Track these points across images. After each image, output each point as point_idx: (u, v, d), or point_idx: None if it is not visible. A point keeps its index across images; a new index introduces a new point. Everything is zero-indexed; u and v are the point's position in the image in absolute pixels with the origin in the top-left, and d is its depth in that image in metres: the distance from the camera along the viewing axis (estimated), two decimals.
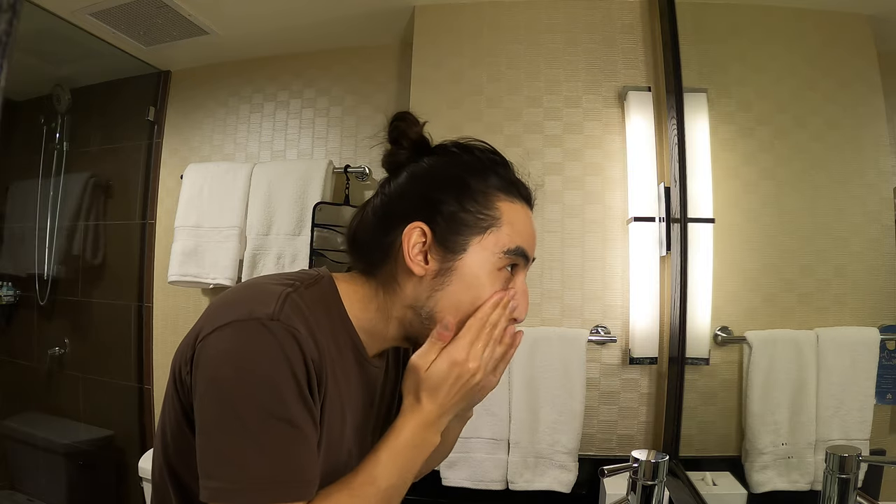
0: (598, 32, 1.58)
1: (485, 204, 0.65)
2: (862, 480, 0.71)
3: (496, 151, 0.71)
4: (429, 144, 0.70)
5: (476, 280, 0.64)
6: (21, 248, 2.48)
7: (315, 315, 0.60)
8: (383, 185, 0.70)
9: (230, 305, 0.59)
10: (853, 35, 0.80)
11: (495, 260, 0.64)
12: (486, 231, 0.64)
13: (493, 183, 0.67)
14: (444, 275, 0.64)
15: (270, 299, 0.58)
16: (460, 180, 0.65)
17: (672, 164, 1.38)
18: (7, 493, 2.34)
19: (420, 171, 0.67)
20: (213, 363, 0.55)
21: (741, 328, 1.04)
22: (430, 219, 0.64)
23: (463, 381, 0.63)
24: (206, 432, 0.56)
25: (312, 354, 0.58)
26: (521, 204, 0.69)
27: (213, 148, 2.10)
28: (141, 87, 2.21)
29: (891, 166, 0.72)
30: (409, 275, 0.65)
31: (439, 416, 0.64)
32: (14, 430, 2.32)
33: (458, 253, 0.64)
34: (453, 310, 0.64)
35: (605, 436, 1.49)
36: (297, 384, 0.56)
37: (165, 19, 1.77)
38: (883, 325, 0.73)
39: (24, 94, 2.50)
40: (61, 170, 2.36)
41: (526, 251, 0.67)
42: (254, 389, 0.54)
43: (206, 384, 0.56)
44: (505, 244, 0.65)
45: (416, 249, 0.64)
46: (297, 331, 0.57)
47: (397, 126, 0.69)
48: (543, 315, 1.53)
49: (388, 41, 1.91)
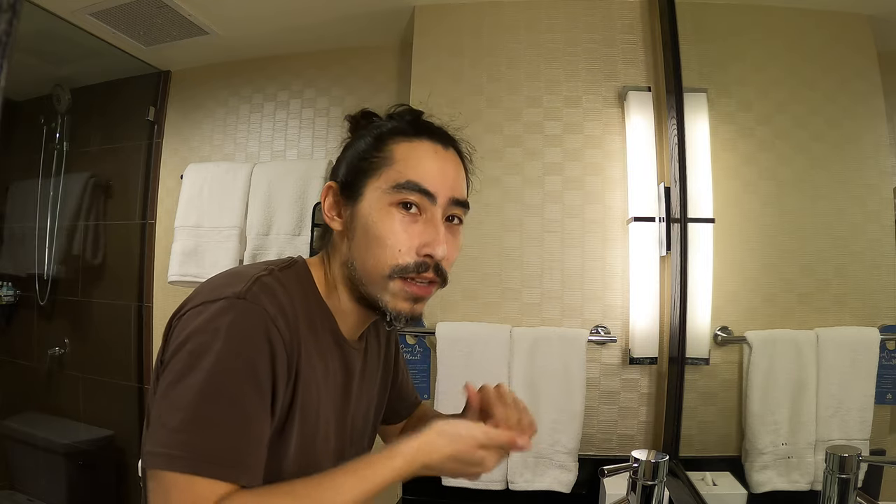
0: (598, 32, 1.58)
1: (379, 148, 0.67)
2: (862, 480, 0.71)
3: (411, 109, 0.73)
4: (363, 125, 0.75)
5: (371, 221, 0.65)
6: (21, 248, 2.48)
7: (290, 297, 0.62)
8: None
9: (206, 288, 0.61)
10: (853, 35, 0.80)
11: (387, 197, 0.65)
12: (379, 172, 0.66)
13: (391, 128, 0.69)
14: (351, 222, 0.67)
15: (241, 280, 0.60)
16: (365, 136, 0.69)
17: (672, 164, 1.38)
18: (7, 493, 2.33)
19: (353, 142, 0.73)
20: (177, 336, 0.57)
21: (741, 328, 1.04)
22: (337, 176, 0.70)
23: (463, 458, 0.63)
24: (159, 399, 0.55)
25: (283, 333, 0.58)
26: (422, 141, 0.68)
27: (213, 148, 2.10)
28: (141, 87, 2.21)
29: (891, 166, 0.72)
30: (340, 236, 0.69)
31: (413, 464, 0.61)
32: (14, 430, 2.32)
33: (356, 199, 0.67)
34: (365, 254, 0.65)
35: (605, 436, 1.49)
36: (252, 367, 0.56)
37: (165, 19, 1.77)
38: (883, 325, 0.72)
39: (24, 94, 2.50)
40: (61, 170, 2.36)
41: (419, 183, 0.65)
42: (209, 363, 0.54)
43: (170, 356, 0.57)
44: (394, 179, 0.65)
45: (331, 207, 0.69)
46: (264, 310, 0.58)
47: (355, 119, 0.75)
48: (543, 315, 1.53)
49: (388, 41, 1.91)
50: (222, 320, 0.56)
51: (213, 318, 0.56)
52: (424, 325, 1.55)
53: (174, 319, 0.61)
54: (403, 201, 0.64)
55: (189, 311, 0.59)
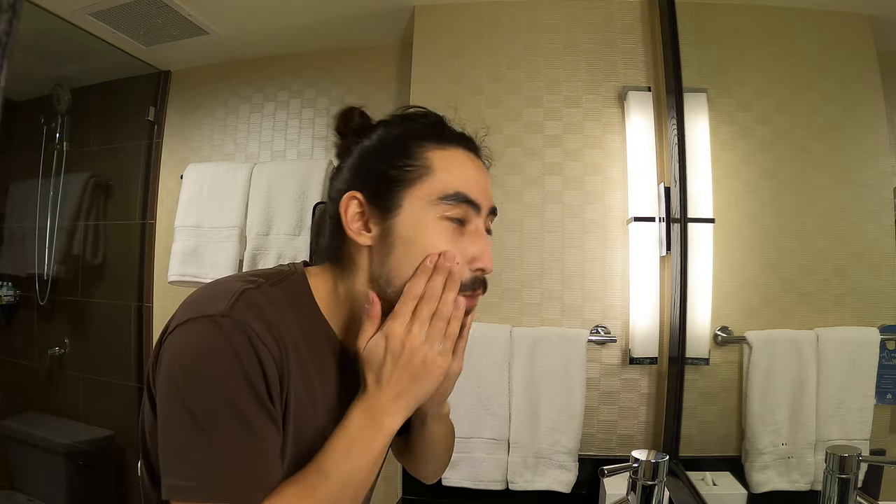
0: (598, 32, 1.58)
1: (411, 156, 0.63)
2: (862, 480, 0.71)
3: (428, 111, 0.69)
4: (369, 125, 0.70)
5: (417, 234, 0.61)
6: (21, 248, 2.48)
7: (277, 310, 0.59)
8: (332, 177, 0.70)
9: (191, 303, 0.59)
10: (853, 35, 0.80)
11: (433, 209, 0.61)
12: (418, 181, 0.62)
13: (420, 134, 0.65)
14: (386, 236, 0.62)
15: (225, 297, 0.57)
16: (387, 141, 0.65)
17: (672, 164, 1.38)
18: (7, 493, 2.34)
19: (358, 149, 0.67)
20: (169, 361, 0.55)
21: (741, 328, 1.04)
22: (362, 185, 0.63)
23: (405, 360, 0.59)
24: (164, 430, 0.55)
25: (271, 349, 0.56)
26: (457, 150, 0.66)
27: (213, 148, 2.10)
28: (141, 87, 2.21)
29: (891, 166, 0.72)
30: (360, 249, 0.63)
31: (391, 400, 0.59)
32: (14, 430, 2.32)
33: (393, 210, 0.62)
34: (407, 272, 0.61)
35: (605, 436, 1.49)
36: (248, 382, 0.54)
37: (165, 19, 1.77)
38: (883, 325, 0.72)
39: (24, 94, 2.50)
40: (61, 170, 2.36)
41: (468, 195, 0.62)
42: (203, 387, 0.53)
43: (163, 382, 0.56)
44: (440, 189, 0.61)
45: (355, 220, 0.63)
46: (250, 328, 0.55)
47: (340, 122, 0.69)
48: (543, 315, 1.53)
49: (388, 41, 1.91)
50: (208, 342, 0.54)
51: (199, 340, 0.55)
52: None
53: (163, 336, 0.58)
54: (451, 214, 0.62)
55: (174, 331, 0.57)
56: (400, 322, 0.59)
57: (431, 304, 0.60)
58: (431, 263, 0.60)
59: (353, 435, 0.58)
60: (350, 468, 0.57)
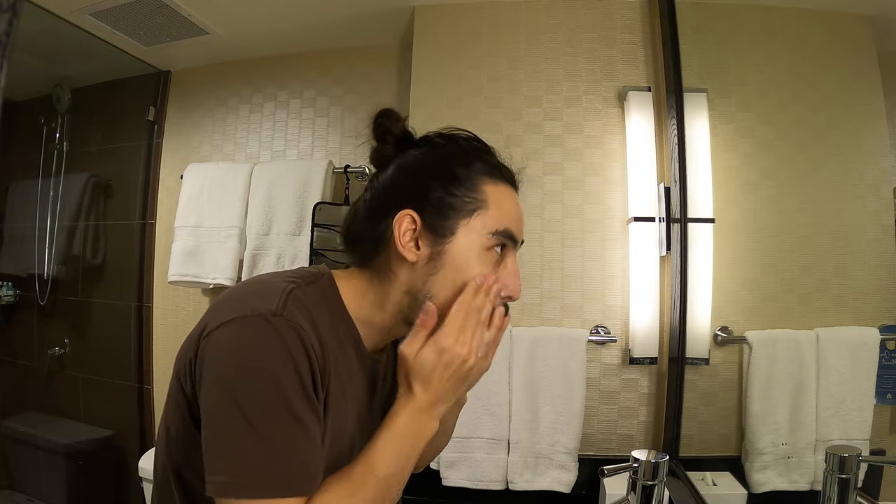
0: (598, 32, 1.58)
1: (470, 188, 0.66)
2: (862, 480, 0.71)
3: (478, 139, 0.72)
4: (412, 137, 0.72)
5: (465, 262, 0.65)
6: (21, 248, 2.48)
7: (317, 311, 0.62)
8: (372, 180, 0.72)
9: (235, 302, 0.60)
10: (853, 35, 0.80)
11: (483, 241, 0.66)
12: (473, 214, 0.66)
13: (478, 168, 0.68)
14: (435, 259, 0.66)
15: (274, 296, 0.59)
16: (445, 168, 0.67)
17: (672, 164, 1.38)
18: (7, 493, 2.34)
19: (406, 162, 0.69)
20: (217, 359, 0.56)
21: (741, 328, 1.04)
22: (419, 206, 0.66)
23: (454, 368, 0.63)
24: (211, 427, 0.56)
25: (316, 350, 0.58)
26: (505, 186, 0.70)
27: (213, 148, 2.10)
28: (141, 87, 2.21)
29: (891, 166, 0.72)
30: (403, 262, 0.66)
31: (434, 404, 0.64)
32: (14, 430, 2.32)
33: (447, 237, 0.65)
34: (448, 292, 0.65)
35: (605, 436, 1.49)
36: (300, 380, 0.56)
37: (165, 19, 1.77)
38: (883, 325, 0.72)
39: (24, 94, 2.50)
40: (61, 170, 2.36)
41: (513, 232, 0.68)
42: (257, 384, 0.55)
43: (211, 380, 0.57)
44: (492, 225, 0.66)
45: (407, 236, 0.65)
46: (301, 327, 0.57)
47: (381, 123, 0.71)
48: (543, 315, 1.53)
49: (388, 41, 1.91)
50: (262, 339, 0.56)
51: (252, 338, 0.56)
52: None
53: (201, 338, 0.58)
54: (497, 246, 0.67)
55: (219, 329, 0.57)
56: (453, 336, 0.63)
57: (478, 317, 0.65)
58: (481, 283, 0.65)
59: (401, 435, 0.62)
60: (395, 467, 0.61)
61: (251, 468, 0.54)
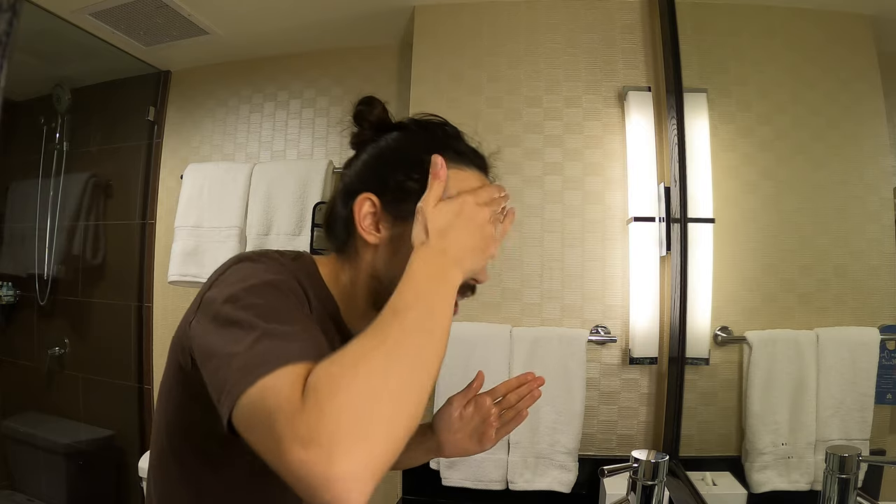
0: (598, 32, 1.58)
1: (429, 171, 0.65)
2: (862, 480, 0.71)
3: (448, 124, 0.74)
4: (389, 123, 0.74)
5: None
6: (21, 248, 2.48)
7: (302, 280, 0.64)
8: (344, 167, 0.75)
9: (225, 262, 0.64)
10: (853, 35, 0.80)
11: None
12: None
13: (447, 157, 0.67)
14: (395, 241, 0.66)
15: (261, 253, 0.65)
16: (409, 152, 0.68)
17: (672, 164, 1.38)
18: (7, 493, 2.34)
19: (377, 148, 0.72)
20: (214, 296, 0.57)
21: (741, 328, 1.04)
22: (380, 190, 0.67)
23: (470, 215, 0.61)
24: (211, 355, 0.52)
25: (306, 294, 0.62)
26: (471, 171, 0.70)
27: (213, 148, 2.10)
28: (141, 87, 2.21)
29: (891, 166, 0.72)
30: (367, 245, 0.68)
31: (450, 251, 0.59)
32: (14, 430, 2.32)
33: (406, 219, 0.65)
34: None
35: (605, 436, 1.49)
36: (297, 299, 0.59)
37: (165, 19, 1.77)
38: (883, 325, 0.72)
39: (24, 94, 2.50)
40: (61, 170, 2.36)
41: None
42: (252, 295, 0.55)
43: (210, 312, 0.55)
44: None
45: (367, 220, 0.67)
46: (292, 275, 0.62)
47: (360, 110, 0.73)
48: (543, 315, 1.53)
49: (388, 41, 1.91)
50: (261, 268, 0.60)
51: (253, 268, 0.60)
52: None
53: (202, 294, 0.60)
54: None
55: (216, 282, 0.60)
56: (474, 199, 0.62)
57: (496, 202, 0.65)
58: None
59: (422, 282, 0.56)
60: (420, 310, 0.53)
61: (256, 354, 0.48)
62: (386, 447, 0.43)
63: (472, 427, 0.84)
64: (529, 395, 0.86)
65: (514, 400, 0.87)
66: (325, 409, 0.42)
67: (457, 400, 0.85)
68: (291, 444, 0.41)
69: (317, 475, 0.41)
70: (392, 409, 0.44)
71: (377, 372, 0.45)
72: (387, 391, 0.45)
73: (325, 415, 0.42)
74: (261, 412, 0.45)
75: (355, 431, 0.42)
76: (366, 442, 0.42)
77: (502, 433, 0.86)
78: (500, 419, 0.86)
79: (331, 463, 0.40)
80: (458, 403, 0.85)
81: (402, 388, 0.46)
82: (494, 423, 0.85)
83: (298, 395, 0.44)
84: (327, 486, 0.40)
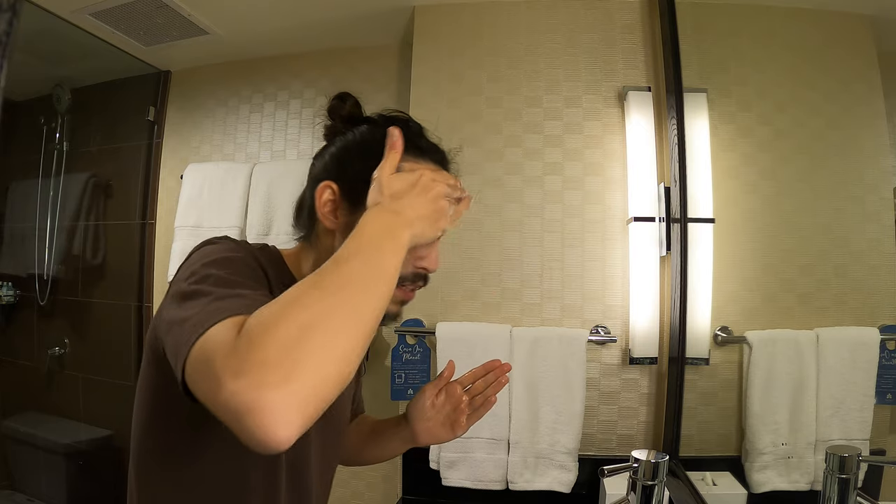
0: (598, 32, 1.58)
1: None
2: (862, 480, 0.71)
3: (412, 120, 0.75)
4: (359, 118, 0.77)
5: None
6: (21, 248, 2.48)
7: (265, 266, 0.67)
8: (314, 158, 0.79)
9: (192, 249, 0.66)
10: (853, 35, 0.80)
11: None
12: None
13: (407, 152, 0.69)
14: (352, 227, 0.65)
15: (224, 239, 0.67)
16: (371, 144, 0.69)
17: (672, 164, 1.38)
18: (7, 493, 2.34)
19: (342, 140, 0.75)
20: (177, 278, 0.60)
21: (741, 328, 1.04)
22: (340, 178, 0.71)
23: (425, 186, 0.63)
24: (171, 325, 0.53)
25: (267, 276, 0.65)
26: (426, 163, 0.72)
27: (213, 148, 2.10)
28: (141, 87, 2.21)
29: (891, 166, 0.72)
30: (327, 231, 0.71)
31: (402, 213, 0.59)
32: (14, 430, 2.32)
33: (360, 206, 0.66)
34: None
35: (605, 436, 1.49)
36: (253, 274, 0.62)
37: (165, 19, 1.77)
38: (883, 325, 0.72)
39: (24, 94, 2.50)
40: (61, 170, 2.36)
41: None
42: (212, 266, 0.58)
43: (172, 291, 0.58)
44: None
45: (327, 207, 0.70)
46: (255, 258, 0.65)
47: (333, 105, 0.77)
48: (543, 315, 1.53)
49: (388, 41, 1.91)
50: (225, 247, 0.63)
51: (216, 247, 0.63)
52: (424, 326, 1.55)
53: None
54: None
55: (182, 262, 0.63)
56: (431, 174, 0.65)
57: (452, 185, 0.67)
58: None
59: (369, 235, 0.56)
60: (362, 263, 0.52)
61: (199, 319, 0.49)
62: (314, 384, 0.43)
63: (445, 415, 0.87)
64: (496, 381, 0.89)
65: (481, 387, 0.89)
66: (255, 342, 0.43)
67: (429, 389, 0.88)
68: (224, 378, 0.42)
69: (244, 403, 0.41)
70: (322, 349, 0.45)
71: (309, 312, 0.46)
72: (317, 330, 0.45)
73: (255, 347, 0.43)
74: (203, 360, 0.46)
75: (283, 363, 0.42)
76: (294, 374, 0.42)
77: (473, 419, 0.88)
78: (470, 406, 0.88)
79: (259, 391, 0.41)
80: (430, 392, 0.88)
81: (334, 331, 0.46)
82: (465, 410, 0.87)
83: (234, 336, 0.45)
84: (254, 415, 0.41)
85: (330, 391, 0.45)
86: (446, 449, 1.47)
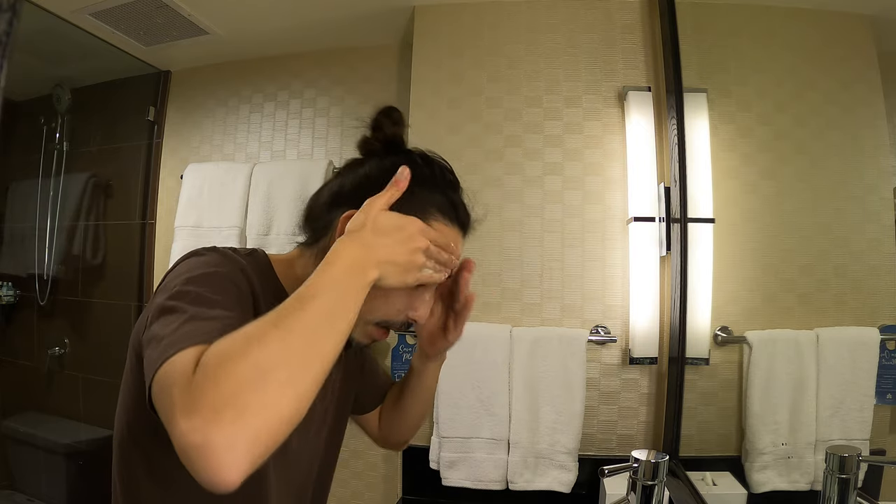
0: (598, 32, 1.58)
1: (420, 214, 0.66)
2: (862, 480, 0.71)
3: (453, 173, 0.74)
4: (400, 144, 0.73)
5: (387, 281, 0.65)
6: (21, 248, 2.48)
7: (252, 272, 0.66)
8: (345, 167, 0.74)
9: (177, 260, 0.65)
10: (853, 35, 0.80)
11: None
12: None
13: (436, 200, 0.69)
14: None
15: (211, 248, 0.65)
16: (408, 187, 0.67)
17: (672, 164, 1.38)
18: (7, 493, 2.34)
19: (379, 168, 0.71)
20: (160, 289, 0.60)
21: (741, 328, 1.04)
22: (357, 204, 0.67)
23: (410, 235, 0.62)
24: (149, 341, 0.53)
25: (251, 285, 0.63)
26: (452, 228, 0.71)
27: (213, 148, 2.10)
28: (141, 87, 2.21)
29: (891, 166, 0.72)
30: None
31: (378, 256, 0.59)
32: (14, 430, 2.32)
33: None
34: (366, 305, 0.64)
35: (605, 436, 1.49)
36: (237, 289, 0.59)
37: (165, 19, 1.77)
38: (883, 325, 0.73)
39: (24, 94, 2.50)
40: (61, 170, 2.36)
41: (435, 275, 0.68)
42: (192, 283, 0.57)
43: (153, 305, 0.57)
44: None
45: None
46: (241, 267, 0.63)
47: (379, 120, 0.73)
48: (543, 315, 1.53)
49: (388, 41, 1.91)
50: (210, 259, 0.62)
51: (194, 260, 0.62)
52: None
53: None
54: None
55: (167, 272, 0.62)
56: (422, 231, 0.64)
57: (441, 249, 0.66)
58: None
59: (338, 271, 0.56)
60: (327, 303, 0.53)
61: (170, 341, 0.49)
62: (265, 425, 0.43)
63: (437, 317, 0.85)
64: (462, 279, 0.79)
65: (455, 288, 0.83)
66: (210, 378, 0.43)
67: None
68: (179, 414, 0.43)
69: (194, 444, 0.41)
70: (276, 392, 0.45)
71: (267, 352, 0.46)
72: (273, 373, 0.45)
73: (208, 384, 0.43)
74: (163, 387, 0.47)
75: (235, 404, 0.42)
76: (244, 416, 0.42)
77: (461, 321, 0.84)
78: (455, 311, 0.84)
79: (208, 432, 0.41)
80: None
81: (290, 373, 0.46)
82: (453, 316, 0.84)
83: (192, 369, 0.45)
84: (202, 455, 0.41)
85: (281, 431, 0.45)
86: (446, 449, 1.47)
